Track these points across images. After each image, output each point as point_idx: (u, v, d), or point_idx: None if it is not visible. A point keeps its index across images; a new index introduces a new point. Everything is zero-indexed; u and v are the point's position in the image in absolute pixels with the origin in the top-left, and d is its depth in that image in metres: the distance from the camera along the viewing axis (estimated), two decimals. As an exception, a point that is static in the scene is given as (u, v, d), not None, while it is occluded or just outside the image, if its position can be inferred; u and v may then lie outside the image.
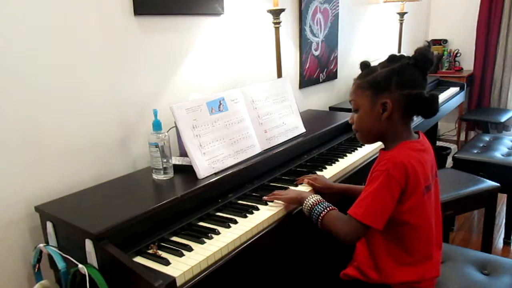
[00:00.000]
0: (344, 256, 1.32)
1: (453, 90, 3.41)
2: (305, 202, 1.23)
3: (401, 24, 3.40)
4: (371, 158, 1.81)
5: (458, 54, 4.18)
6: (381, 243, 1.18)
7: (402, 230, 1.14)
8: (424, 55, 1.12)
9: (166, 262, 1.05)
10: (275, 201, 1.35)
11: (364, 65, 1.22)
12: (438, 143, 3.99)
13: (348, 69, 3.01)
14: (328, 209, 1.18)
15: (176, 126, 1.40)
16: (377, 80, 1.14)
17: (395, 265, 1.17)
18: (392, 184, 1.07)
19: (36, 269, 1.25)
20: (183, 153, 1.48)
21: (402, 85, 1.12)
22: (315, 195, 1.25)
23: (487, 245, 2.08)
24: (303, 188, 1.47)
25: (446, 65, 4.12)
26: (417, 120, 2.25)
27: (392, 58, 1.16)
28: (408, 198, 1.10)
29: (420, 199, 1.11)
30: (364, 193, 1.12)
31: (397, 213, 1.10)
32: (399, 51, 3.48)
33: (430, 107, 1.15)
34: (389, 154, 1.12)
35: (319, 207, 1.19)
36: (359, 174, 1.71)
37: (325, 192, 1.46)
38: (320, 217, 1.17)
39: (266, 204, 1.35)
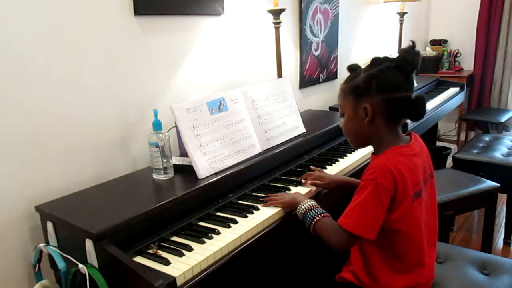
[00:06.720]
0: (341, 259, 1.31)
1: (453, 90, 3.41)
2: (299, 206, 1.23)
3: (401, 24, 3.40)
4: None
5: (458, 54, 4.18)
6: (373, 251, 1.17)
7: (393, 238, 1.13)
8: (404, 57, 1.09)
9: (166, 262, 1.05)
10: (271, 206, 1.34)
11: (350, 69, 1.21)
12: (438, 143, 3.98)
13: (348, 69, 3.01)
14: (321, 215, 1.17)
15: (176, 126, 1.40)
16: (357, 84, 1.14)
17: (389, 272, 1.16)
18: (381, 193, 1.05)
19: (36, 269, 1.25)
20: (183, 153, 1.48)
21: (382, 89, 1.10)
22: (309, 200, 1.24)
23: (487, 245, 2.08)
24: (307, 188, 1.47)
25: (446, 65, 4.11)
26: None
27: (375, 61, 1.14)
28: (398, 206, 1.08)
29: (410, 206, 1.10)
30: (353, 202, 1.10)
31: (387, 222, 1.09)
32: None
33: (415, 111, 1.12)
34: (377, 161, 1.11)
35: (312, 213, 1.18)
36: (359, 174, 1.69)
37: (332, 187, 1.47)
38: (312, 223, 1.17)
39: (266, 204, 1.35)
